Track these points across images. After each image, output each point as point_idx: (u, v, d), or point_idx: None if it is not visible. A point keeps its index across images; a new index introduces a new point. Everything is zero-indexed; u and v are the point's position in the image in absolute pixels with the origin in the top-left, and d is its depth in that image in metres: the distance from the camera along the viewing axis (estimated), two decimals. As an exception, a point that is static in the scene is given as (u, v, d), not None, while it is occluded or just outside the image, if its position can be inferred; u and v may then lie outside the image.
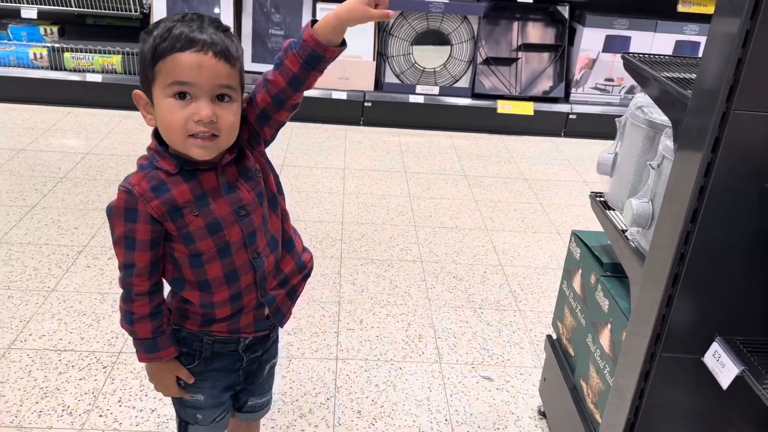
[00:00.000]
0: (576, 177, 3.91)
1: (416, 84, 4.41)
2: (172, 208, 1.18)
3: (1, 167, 3.40)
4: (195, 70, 1.11)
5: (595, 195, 1.74)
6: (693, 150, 1.17)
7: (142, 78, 1.16)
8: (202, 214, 1.19)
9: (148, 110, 1.18)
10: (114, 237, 1.21)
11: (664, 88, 1.38)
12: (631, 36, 4.36)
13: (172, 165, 1.18)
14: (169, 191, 1.18)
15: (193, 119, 1.12)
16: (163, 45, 1.11)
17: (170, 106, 1.12)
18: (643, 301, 1.33)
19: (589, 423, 1.65)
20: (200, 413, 1.40)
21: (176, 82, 1.11)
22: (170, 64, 1.11)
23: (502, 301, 2.62)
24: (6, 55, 4.20)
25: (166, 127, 1.15)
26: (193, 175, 1.20)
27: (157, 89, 1.13)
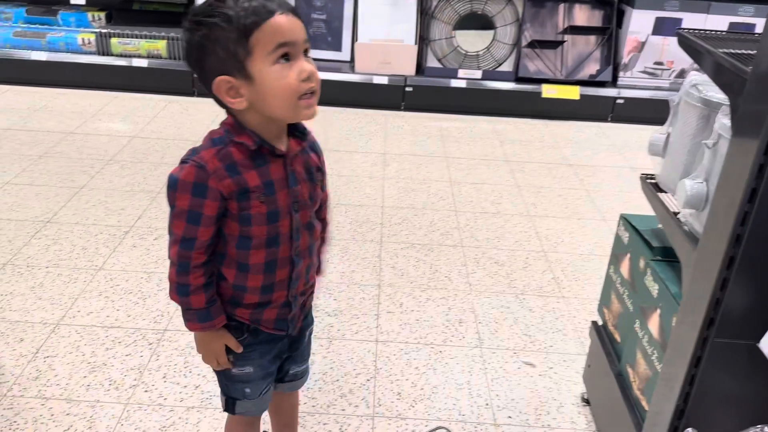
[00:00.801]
0: (623, 163, 3.82)
1: (458, 68, 4.36)
2: (242, 190, 1.19)
3: (51, 150, 3.48)
4: (290, 30, 1.14)
5: (646, 177, 1.69)
6: (752, 127, 1.12)
7: (226, 61, 1.14)
8: (267, 201, 1.21)
9: (233, 94, 1.16)
10: (175, 209, 1.20)
11: (721, 64, 1.32)
12: (682, 18, 4.23)
13: (251, 140, 1.19)
14: (241, 174, 1.19)
15: (300, 78, 1.15)
16: (251, 18, 1.11)
17: (280, 70, 1.14)
18: (696, 285, 1.28)
19: (635, 410, 1.61)
20: (249, 387, 1.41)
21: (281, 44, 1.13)
22: (268, 30, 1.12)
23: (545, 288, 2.58)
24: (56, 41, 4.30)
25: (277, 93, 1.15)
26: (265, 162, 1.21)
27: (257, 60, 1.13)
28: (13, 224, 2.76)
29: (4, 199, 2.96)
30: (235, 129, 1.20)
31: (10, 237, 2.67)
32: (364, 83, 4.32)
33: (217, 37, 1.13)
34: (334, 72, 4.33)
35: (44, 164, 3.31)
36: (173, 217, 1.21)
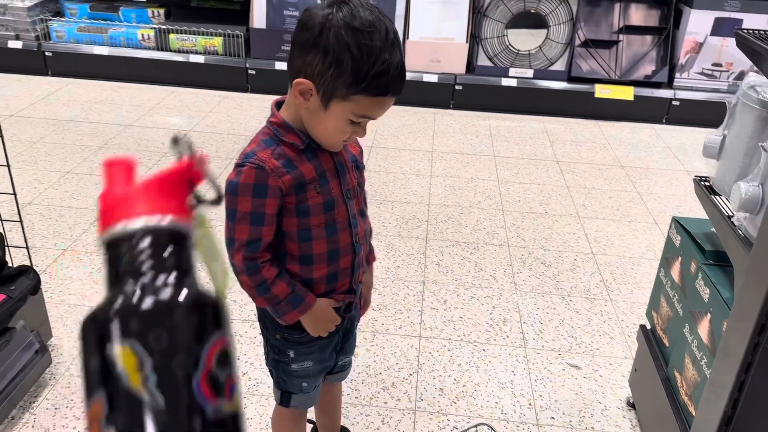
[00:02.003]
0: (677, 166, 3.73)
1: (510, 67, 4.33)
2: (300, 183, 1.22)
3: (110, 141, 3.61)
4: (383, 111, 1.17)
5: (700, 179, 1.66)
6: (812, 129, 1.09)
7: (325, 79, 1.11)
8: (323, 191, 1.24)
9: (306, 97, 1.16)
10: (237, 214, 1.20)
11: (781, 65, 1.29)
12: (743, 18, 4.10)
13: (300, 140, 1.22)
14: (297, 168, 1.21)
15: (352, 138, 1.21)
16: (373, 84, 1.10)
17: (344, 127, 1.17)
18: (748, 290, 1.26)
19: (682, 415, 1.59)
20: (306, 381, 1.44)
21: (364, 117, 1.16)
22: (369, 103, 1.13)
23: (593, 290, 2.55)
24: (117, 36, 4.44)
25: (327, 135, 1.20)
26: (314, 154, 1.24)
27: (339, 107, 1.14)
28: (74, 212, 2.87)
29: (65, 187, 3.08)
30: (284, 128, 1.22)
31: (71, 224, 2.78)
32: (414, 81, 4.32)
33: (340, 60, 1.09)
34: (384, 69, 4.34)
35: (104, 155, 3.43)
36: (236, 223, 1.21)
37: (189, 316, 0.43)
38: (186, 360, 0.41)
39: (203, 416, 0.41)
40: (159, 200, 0.48)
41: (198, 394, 0.41)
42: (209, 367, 0.42)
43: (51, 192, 3.03)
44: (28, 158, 3.36)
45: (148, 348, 0.41)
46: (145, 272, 0.45)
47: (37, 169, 3.25)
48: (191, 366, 0.41)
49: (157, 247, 0.46)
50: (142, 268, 0.45)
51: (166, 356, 0.41)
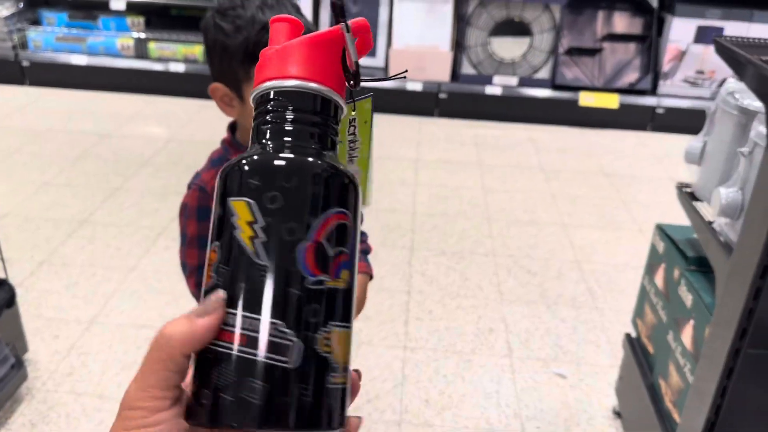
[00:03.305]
0: (662, 173, 3.74)
1: (494, 75, 4.33)
2: None
3: (87, 151, 3.56)
4: None
5: (682, 186, 1.65)
6: (791, 133, 1.09)
7: (226, 72, 1.10)
8: None
9: (227, 102, 1.13)
10: (187, 238, 1.15)
11: (757, 72, 1.28)
12: (724, 26, 4.13)
13: None
14: None
15: None
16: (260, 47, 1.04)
17: None
18: (729, 295, 1.25)
19: (666, 423, 1.57)
20: None
21: None
22: None
23: (579, 298, 2.54)
24: (96, 45, 4.40)
25: None
26: None
27: (251, 89, 1.09)
28: (51, 223, 2.83)
29: (42, 198, 3.04)
30: (233, 146, 1.17)
31: (48, 236, 2.74)
32: (398, 89, 4.32)
33: (225, 46, 1.07)
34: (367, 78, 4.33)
35: (82, 165, 3.39)
36: (186, 248, 1.16)
37: (309, 183, 0.43)
38: (296, 226, 0.42)
39: (302, 283, 0.42)
40: (315, 65, 0.46)
41: (301, 261, 0.42)
42: (318, 239, 0.42)
43: (28, 203, 2.99)
44: (4, 169, 3.31)
45: (262, 207, 0.42)
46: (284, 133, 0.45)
47: (14, 180, 3.21)
48: (301, 233, 0.42)
49: (302, 110, 0.46)
50: (283, 128, 0.45)
51: (278, 218, 0.42)
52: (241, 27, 1.05)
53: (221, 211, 0.43)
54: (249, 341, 0.41)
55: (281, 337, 0.41)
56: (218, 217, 0.44)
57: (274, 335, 0.41)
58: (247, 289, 0.41)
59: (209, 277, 0.43)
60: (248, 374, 0.40)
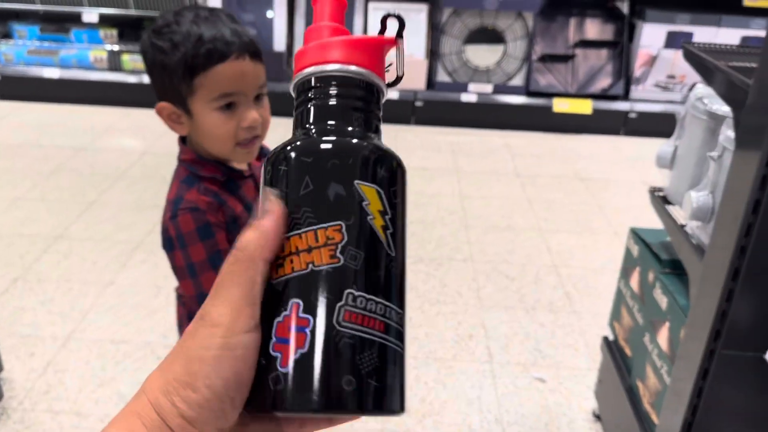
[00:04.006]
0: (636, 177, 3.79)
1: (469, 82, 4.37)
2: (233, 218, 1.16)
3: (62, 165, 3.53)
4: (240, 80, 1.10)
5: (654, 190, 1.68)
6: (754, 139, 1.11)
7: (168, 90, 1.11)
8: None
9: (175, 119, 1.14)
10: (196, 267, 1.11)
11: (724, 77, 1.31)
12: (693, 32, 4.21)
13: (219, 172, 1.16)
14: (226, 202, 1.15)
15: (241, 126, 1.12)
16: (200, 59, 1.06)
17: (217, 118, 1.10)
18: (702, 297, 1.27)
19: (645, 424, 1.59)
20: None
21: (224, 95, 1.09)
22: (214, 77, 1.08)
23: (556, 303, 2.56)
24: (69, 58, 4.36)
25: (213, 138, 1.13)
26: (236, 186, 1.18)
27: (197, 102, 1.10)
28: (25, 239, 2.79)
29: (16, 214, 3.00)
30: (198, 162, 1.16)
31: (22, 252, 2.70)
32: (375, 98, 4.33)
33: (164, 65, 1.08)
34: (345, 88, 4.35)
35: (56, 180, 3.35)
36: (198, 277, 1.12)
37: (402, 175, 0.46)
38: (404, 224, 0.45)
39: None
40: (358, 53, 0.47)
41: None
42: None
43: (0, 219, 2.94)
44: (-22, 185, 3.27)
45: (389, 199, 0.43)
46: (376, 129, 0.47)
47: (-12, 196, 3.16)
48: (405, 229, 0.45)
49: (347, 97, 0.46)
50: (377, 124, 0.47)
51: (398, 213, 0.44)
52: (177, 43, 1.06)
53: (342, 190, 0.42)
54: (386, 328, 0.42)
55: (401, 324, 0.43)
56: (336, 195, 0.42)
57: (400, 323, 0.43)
58: (380, 276, 0.42)
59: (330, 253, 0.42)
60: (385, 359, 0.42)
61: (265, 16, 4.33)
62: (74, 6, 4.33)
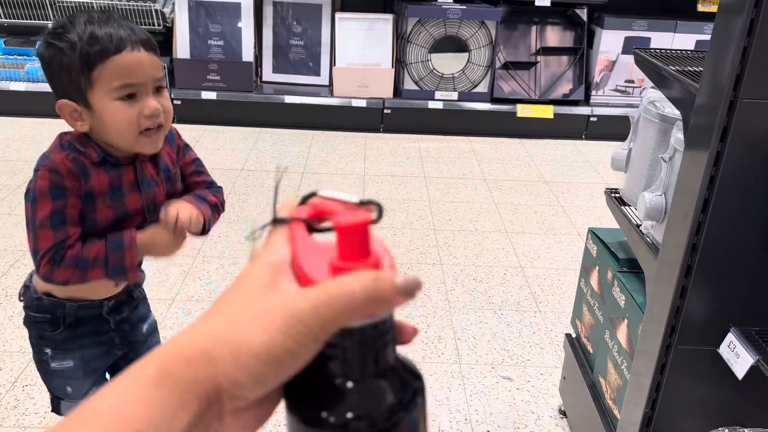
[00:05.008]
0: (597, 179, 3.89)
1: (435, 90, 4.43)
2: (89, 194, 1.20)
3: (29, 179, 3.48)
4: (138, 70, 1.15)
5: (611, 191, 1.74)
6: (702, 141, 1.17)
7: (68, 88, 1.16)
8: (114, 206, 1.23)
9: (77, 117, 1.19)
10: (37, 222, 1.17)
11: (673, 82, 1.38)
12: (650, 37, 4.34)
13: (96, 153, 1.21)
14: (90, 177, 1.20)
15: (143, 114, 1.16)
16: (95, 49, 1.11)
17: (120, 107, 1.15)
18: (657, 294, 1.33)
19: (608, 419, 1.65)
20: (70, 385, 1.39)
21: (125, 85, 1.14)
22: (112, 68, 1.13)
23: (522, 303, 2.62)
24: (35, 71, 4.31)
25: (115, 128, 1.17)
26: (115, 167, 1.22)
27: (97, 95, 1.15)
28: (-8, 254, 2.76)
29: (-18, 229, 2.96)
30: (80, 140, 1.21)
31: (-11, 267, 2.67)
32: (343, 106, 4.37)
33: (62, 63, 1.14)
34: (313, 96, 4.39)
35: (23, 194, 3.31)
36: (37, 231, 1.17)
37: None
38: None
39: None
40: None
41: None
42: None
43: (-33, 234, 2.91)
44: (-59, 200, 3.22)
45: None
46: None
47: (-48, 211, 3.12)
48: None
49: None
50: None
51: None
52: (73, 42, 1.12)
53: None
54: None
55: None
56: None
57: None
58: None
59: None
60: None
61: (234, 27, 4.34)
62: (40, 18, 4.29)
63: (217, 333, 0.37)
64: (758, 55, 1.06)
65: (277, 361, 0.36)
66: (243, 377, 0.36)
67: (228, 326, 0.37)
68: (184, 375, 0.36)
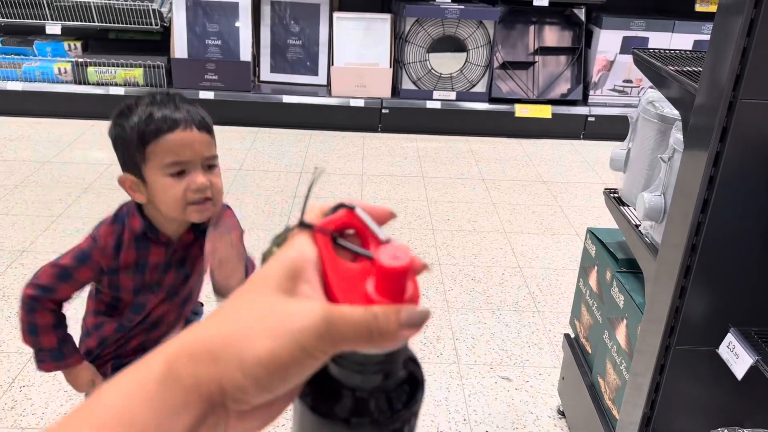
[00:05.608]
0: (595, 179, 3.89)
1: (433, 90, 4.43)
2: (117, 267, 1.32)
3: (27, 179, 3.48)
4: (187, 148, 1.23)
5: (609, 191, 1.74)
6: (702, 141, 1.17)
7: (127, 162, 1.26)
8: (134, 279, 1.34)
9: (135, 189, 1.28)
10: (58, 261, 1.31)
11: (672, 82, 1.38)
12: (648, 37, 4.34)
13: (139, 226, 1.31)
14: (119, 253, 1.32)
15: (190, 189, 1.24)
16: (150, 128, 1.21)
17: (168, 183, 1.24)
18: (657, 294, 1.33)
19: (607, 420, 1.65)
20: None
21: (175, 163, 1.22)
22: (164, 146, 1.22)
23: (521, 303, 2.62)
24: (32, 71, 4.31)
25: (165, 202, 1.26)
26: (145, 246, 1.33)
27: (151, 169, 1.24)
28: (-11, 254, 2.75)
29: (-21, 229, 2.96)
30: (132, 212, 1.32)
31: (-14, 267, 2.66)
32: (341, 106, 4.37)
33: (123, 140, 1.24)
34: (311, 96, 4.38)
35: (20, 194, 3.31)
36: (50, 267, 1.31)
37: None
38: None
39: None
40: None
41: None
42: None
43: (-36, 234, 2.90)
44: (-62, 200, 3.21)
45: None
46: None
47: (-51, 211, 3.11)
48: None
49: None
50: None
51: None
52: (134, 123, 1.22)
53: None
54: None
55: None
56: None
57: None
58: None
59: None
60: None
61: (232, 26, 4.34)
62: (37, 18, 4.28)
63: (226, 333, 0.36)
64: (758, 55, 1.06)
65: (283, 369, 0.35)
66: (247, 382, 0.35)
67: (237, 327, 0.36)
68: (189, 374, 0.35)
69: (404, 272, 0.38)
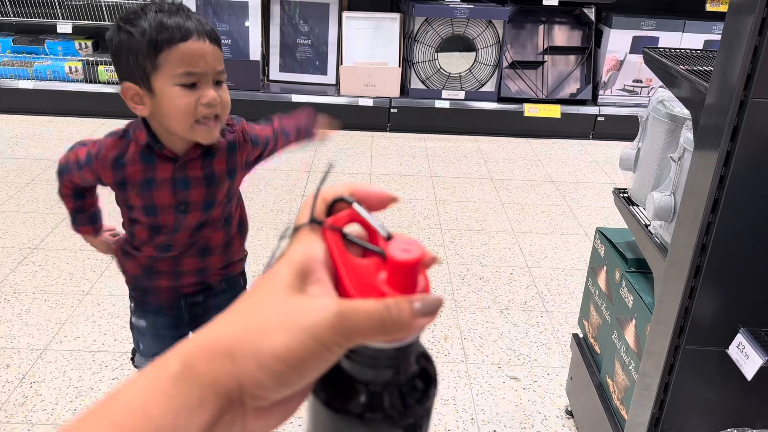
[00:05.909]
0: (605, 179, 3.88)
1: (442, 89, 4.43)
2: (121, 181, 1.31)
3: (38, 177, 3.50)
4: (201, 59, 1.19)
5: (619, 191, 1.74)
6: (712, 140, 1.17)
7: (133, 70, 1.21)
8: (142, 196, 1.32)
9: (138, 101, 1.24)
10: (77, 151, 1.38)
11: (683, 81, 1.37)
12: (659, 36, 4.32)
13: (144, 138, 1.28)
14: (125, 167, 1.30)
15: (201, 102, 1.21)
16: (163, 36, 1.17)
17: (179, 93, 1.20)
18: (666, 294, 1.32)
19: (615, 420, 1.64)
20: (142, 342, 1.52)
21: (187, 73, 1.19)
22: (178, 54, 1.18)
23: (529, 302, 2.62)
24: (43, 70, 4.33)
25: (173, 113, 1.22)
26: (151, 160, 1.30)
27: (160, 79, 1.19)
28: (0, 251, 2.77)
29: (-9, 226, 2.98)
30: (138, 125, 1.30)
31: (-3, 264, 2.68)
32: (350, 105, 4.37)
33: (131, 46, 1.19)
34: (320, 95, 4.39)
35: (31, 191, 3.33)
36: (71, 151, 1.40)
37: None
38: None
39: None
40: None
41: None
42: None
43: (-25, 232, 2.92)
44: (-50, 198, 3.23)
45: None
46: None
47: (-40, 208, 3.13)
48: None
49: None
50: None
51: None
52: (144, 28, 1.18)
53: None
54: None
55: None
56: None
57: None
58: None
59: None
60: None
61: (241, 26, 4.35)
62: (48, 18, 4.31)
63: (241, 330, 0.36)
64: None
65: (300, 363, 0.35)
66: (265, 377, 0.35)
67: (253, 323, 0.36)
68: (206, 371, 0.35)
69: (416, 264, 0.38)
